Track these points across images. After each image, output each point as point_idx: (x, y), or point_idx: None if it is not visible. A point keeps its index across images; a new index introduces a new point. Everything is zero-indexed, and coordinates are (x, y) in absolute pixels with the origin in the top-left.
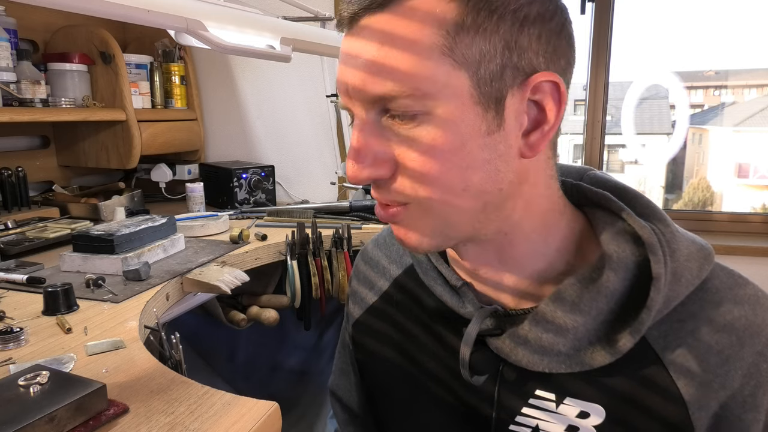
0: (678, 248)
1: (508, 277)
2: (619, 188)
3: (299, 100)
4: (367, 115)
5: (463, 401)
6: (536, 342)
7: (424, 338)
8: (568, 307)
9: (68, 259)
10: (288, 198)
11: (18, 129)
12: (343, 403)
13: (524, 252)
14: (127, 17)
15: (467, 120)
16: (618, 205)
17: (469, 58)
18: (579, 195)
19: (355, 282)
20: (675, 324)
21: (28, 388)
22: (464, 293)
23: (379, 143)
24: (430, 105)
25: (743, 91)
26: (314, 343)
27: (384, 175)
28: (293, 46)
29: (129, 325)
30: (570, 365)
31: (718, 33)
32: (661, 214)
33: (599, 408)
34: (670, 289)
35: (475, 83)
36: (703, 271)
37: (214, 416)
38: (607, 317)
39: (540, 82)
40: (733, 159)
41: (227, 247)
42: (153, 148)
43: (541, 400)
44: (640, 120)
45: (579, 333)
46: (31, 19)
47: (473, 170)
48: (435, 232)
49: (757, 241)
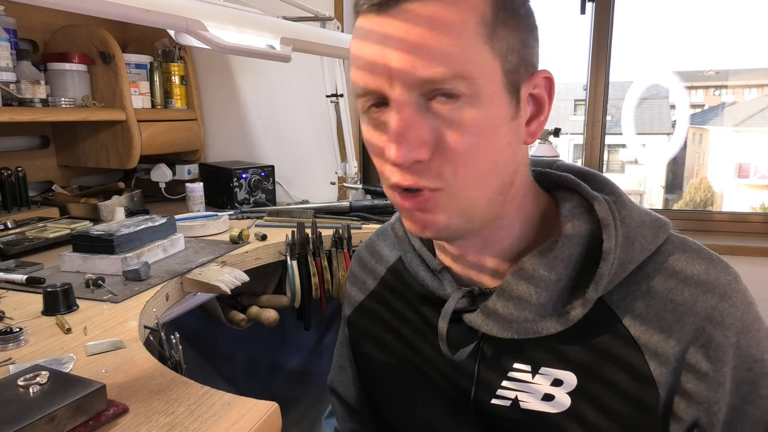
0: (629, 215)
1: (489, 259)
2: (582, 171)
3: (299, 100)
4: (409, 97)
5: (449, 382)
6: (504, 312)
7: (408, 331)
8: (527, 277)
9: (68, 259)
10: (288, 198)
11: (18, 129)
12: (342, 398)
13: (505, 235)
14: (127, 17)
15: (501, 105)
16: (575, 182)
17: (501, 49)
18: (547, 180)
19: (348, 282)
20: (632, 286)
21: (27, 388)
22: (443, 276)
23: (421, 124)
24: (474, 88)
25: (743, 91)
26: (314, 343)
27: (425, 157)
28: (293, 46)
29: (129, 325)
30: (537, 330)
31: (718, 33)
32: (615, 188)
33: (571, 375)
34: (624, 252)
35: (503, 72)
36: (658, 238)
37: (213, 416)
38: (566, 283)
39: (541, 77)
40: (733, 159)
41: (227, 247)
42: (153, 148)
43: (519, 372)
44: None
45: (542, 298)
46: (31, 19)
47: (500, 152)
48: (459, 216)
49: (757, 241)
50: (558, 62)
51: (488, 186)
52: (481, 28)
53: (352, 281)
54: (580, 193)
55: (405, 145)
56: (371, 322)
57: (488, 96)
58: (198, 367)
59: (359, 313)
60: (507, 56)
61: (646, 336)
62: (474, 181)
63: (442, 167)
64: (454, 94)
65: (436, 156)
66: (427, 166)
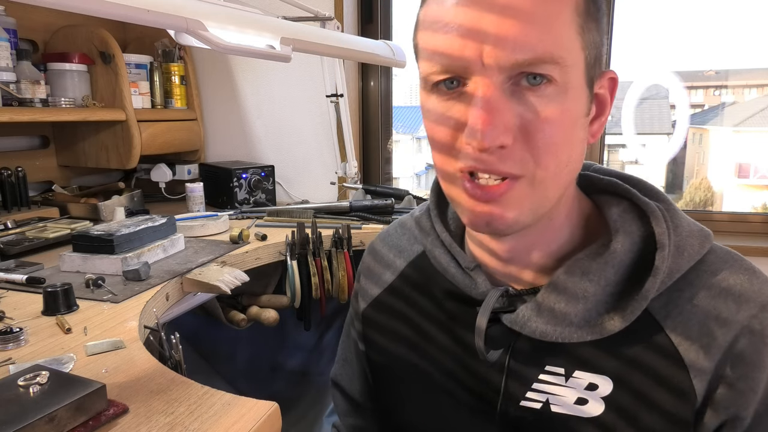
0: (680, 224)
1: (535, 259)
2: (624, 175)
3: (299, 100)
4: (497, 80)
5: (475, 381)
6: (550, 311)
7: (430, 327)
8: (578, 277)
9: (68, 259)
10: (288, 198)
11: (18, 129)
12: (345, 392)
13: (553, 235)
14: (127, 17)
15: (581, 98)
16: (624, 188)
17: (587, 42)
18: (586, 183)
19: (361, 275)
20: (674, 293)
21: (27, 388)
22: (477, 274)
23: (507, 108)
24: (565, 77)
25: (743, 91)
26: (314, 344)
27: (509, 143)
28: (293, 46)
29: (129, 325)
30: (581, 335)
31: (718, 33)
32: (664, 195)
33: (607, 379)
34: (673, 261)
35: (586, 66)
36: (704, 247)
37: (214, 416)
38: (615, 288)
39: (607, 77)
40: (733, 159)
41: (227, 247)
42: (153, 148)
43: (551, 374)
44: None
45: (589, 302)
46: (31, 19)
47: (575, 146)
48: (533, 209)
49: (757, 241)
50: None
51: (562, 181)
52: (575, 17)
53: (367, 275)
54: (629, 199)
55: (491, 128)
56: (389, 316)
57: (574, 88)
58: (198, 367)
59: (375, 307)
60: (590, 50)
61: (686, 344)
62: (553, 174)
63: (524, 154)
64: (545, 78)
65: (518, 144)
66: (509, 151)
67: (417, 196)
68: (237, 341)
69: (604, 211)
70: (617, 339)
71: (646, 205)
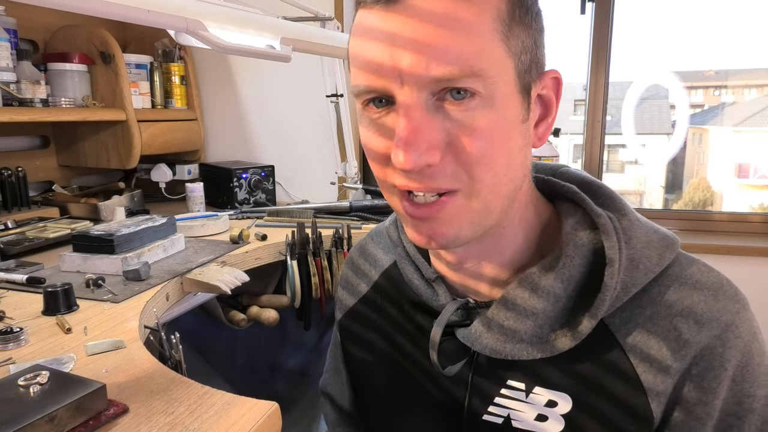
0: (635, 235)
1: (488, 269)
2: (586, 181)
3: (299, 100)
4: (418, 97)
5: (441, 395)
6: (499, 327)
7: (400, 338)
8: (528, 293)
9: (68, 259)
10: (288, 198)
11: (18, 129)
12: (335, 401)
13: (505, 244)
14: (127, 17)
15: (514, 106)
16: (580, 196)
17: (515, 48)
18: (550, 189)
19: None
20: (635, 310)
21: (27, 388)
22: (438, 286)
23: (431, 127)
24: (489, 88)
25: (743, 91)
26: (314, 344)
27: (435, 161)
28: (293, 46)
29: (129, 325)
30: (531, 352)
31: (718, 33)
32: (620, 204)
33: (566, 396)
34: (627, 275)
35: (517, 72)
36: (664, 259)
37: (214, 416)
38: (566, 303)
39: (550, 77)
40: (733, 159)
41: (227, 247)
42: (153, 148)
43: (512, 390)
44: (640, 120)
45: (539, 319)
46: (31, 19)
47: (513, 155)
48: (473, 222)
49: (757, 241)
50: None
51: (503, 192)
52: (497, 25)
53: (344, 285)
54: (584, 208)
55: (414, 149)
56: (363, 326)
57: (502, 97)
58: (198, 367)
59: (350, 317)
60: (521, 56)
61: (644, 366)
62: (490, 185)
63: (456, 169)
64: (468, 92)
65: (448, 157)
66: (439, 168)
67: None
68: (237, 341)
69: (561, 221)
70: (575, 356)
71: (597, 216)
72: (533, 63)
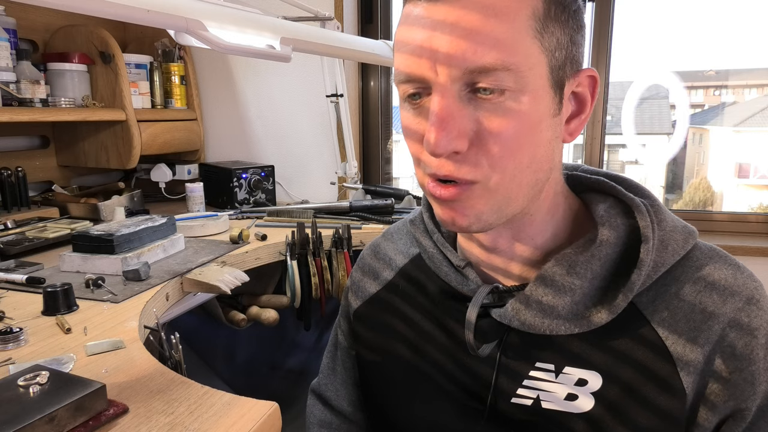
0: (664, 218)
1: (520, 253)
2: (611, 174)
3: (299, 100)
4: (453, 86)
5: (467, 378)
6: (538, 303)
7: (426, 325)
8: (565, 270)
9: (68, 259)
10: (288, 198)
11: (18, 129)
12: (329, 403)
13: (536, 230)
14: (127, 17)
15: (544, 101)
16: (609, 185)
17: (549, 45)
18: (575, 182)
19: (358, 273)
20: (661, 288)
21: (27, 388)
22: (467, 273)
23: (463, 115)
24: (522, 82)
25: (743, 91)
26: (314, 343)
27: (463, 149)
28: (293, 46)
29: (129, 326)
30: (568, 327)
31: (718, 33)
32: (649, 192)
33: (596, 374)
34: (658, 255)
35: (550, 68)
36: (688, 243)
37: (213, 416)
38: (601, 282)
39: (585, 75)
40: (733, 159)
41: (227, 247)
42: (153, 148)
43: (541, 371)
44: (640, 120)
45: (576, 295)
46: (31, 19)
47: (539, 147)
48: (493, 210)
49: (757, 241)
50: None
51: (524, 182)
52: (532, 22)
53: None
54: (614, 196)
55: (444, 135)
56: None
57: (532, 91)
58: (198, 367)
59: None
60: (555, 53)
61: (673, 338)
62: (511, 175)
63: (479, 159)
64: (501, 87)
65: (474, 148)
66: (464, 157)
67: (417, 196)
68: (237, 341)
69: (591, 208)
70: (605, 333)
71: (631, 200)
72: (568, 60)
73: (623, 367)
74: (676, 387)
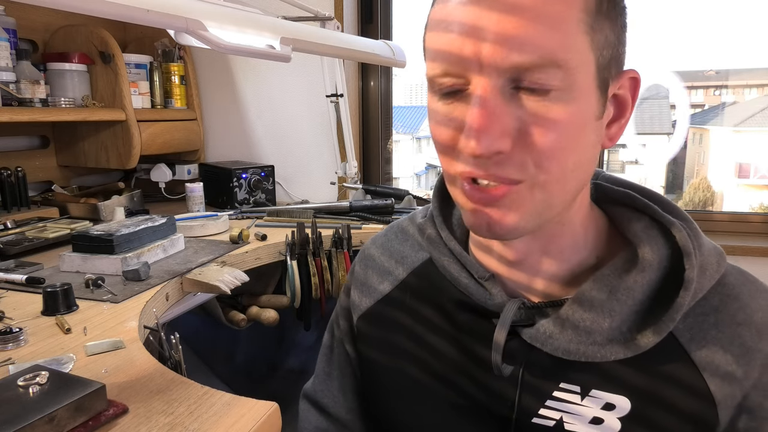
0: (702, 243)
1: (547, 265)
2: (637, 187)
3: (299, 100)
4: (495, 83)
5: (485, 396)
6: (574, 328)
7: (437, 337)
8: (605, 295)
9: (68, 259)
10: (288, 198)
11: (17, 129)
12: (325, 409)
13: (566, 243)
14: (126, 17)
15: (591, 101)
16: (643, 203)
17: (598, 42)
18: (598, 193)
19: (363, 271)
20: (699, 317)
21: (27, 388)
22: (491, 285)
23: (505, 113)
24: (569, 80)
25: (743, 91)
26: (314, 343)
27: (506, 149)
28: (293, 46)
29: (129, 326)
30: (604, 354)
31: (718, 33)
32: (684, 213)
33: (625, 399)
34: (697, 282)
35: (597, 68)
36: (721, 266)
37: (213, 416)
38: (639, 308)
39: (628, 77)
40: (733, 159)
41: (227, 247)
42: (153, 148)
43: (566, 392)
44: (640, 120)
45: (615, 321)
46: (31, 19)
47: (584, 151)
48: (535, 214)
49: (757, 241)
50: None
51: (568, 187)
52: (583, 16)
53: (358, 285)
54: (649, 215)
55: (487, 135)
56: (384, 329)
57: (580, 90)
58: (197, 367)
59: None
60: (603, 51)
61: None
62: (557, 179)
63: (525, 161)
64: (546, 86)
65: (518, 148)
66: (508, 156)
67: (417, 196)
68: (237, 341)
69: (623, 225)
70: (639, 360)
71: (670, 223)
72: (613, 59)
73: (655, 395)
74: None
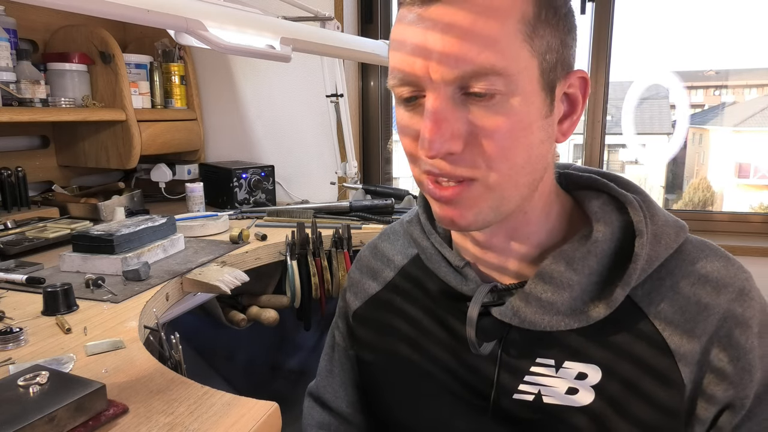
0: (656, 213)
1: (516, 248)
2: (602, 172)
3: (299, 100)
4: (446, 89)
5: (469, 377)
6: (537, 300)
7: (427, 324)
8: (563, 267)
9: (68, 259)
10: (288, 198)
11: (18, 129)
12: (328, 405)
13: (531, 229)
14: (127, 17)
15: (536, 102)
16: (602, 182)
17: (539, 48)
18: (567, 181)
19: (356, 274)
20: (656, 282)
21: (27, 388)
22: (466, 272)
23: (456, 118)
24: (512, 85)
25: (743, 91)
26: (314, 343)
27: (458, 150)
28: (293, 46)
29: (129, 326)
30: (568, 322)
31: (718, 33)
32: (641, 188)
33: (596, 367)
34: (652, 249)
35: (541, 71)
36: (680, 237)
37: (213, 416)
38: (598, 277)
39: (577, 77)
40: (733, 159)
41: (227, 247)
42: (153, 148)
43: (541, 366)
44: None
45: (574, 291)
46: (31, 19)
47: (533, 148)
48: (491, 209)
49: (757, 241)
50: None
51: (521, 182)
52: (521, 26)
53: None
54: (607, 193)
55: (439, 136)
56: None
57: (524, 94)
58: (198, 367)
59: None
60: (545, 55)
61: (671, 329)
62: (508, 177)
63: (475, 159)
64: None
65: (469, 149)
66: (460, 157)
67: (417, 196)
68: (237, 341)
69: (585, 205)
70: (603, 328)
71: (623, 197)
72: (559, 62)
73: (622, 360)
74: (674, 379)
